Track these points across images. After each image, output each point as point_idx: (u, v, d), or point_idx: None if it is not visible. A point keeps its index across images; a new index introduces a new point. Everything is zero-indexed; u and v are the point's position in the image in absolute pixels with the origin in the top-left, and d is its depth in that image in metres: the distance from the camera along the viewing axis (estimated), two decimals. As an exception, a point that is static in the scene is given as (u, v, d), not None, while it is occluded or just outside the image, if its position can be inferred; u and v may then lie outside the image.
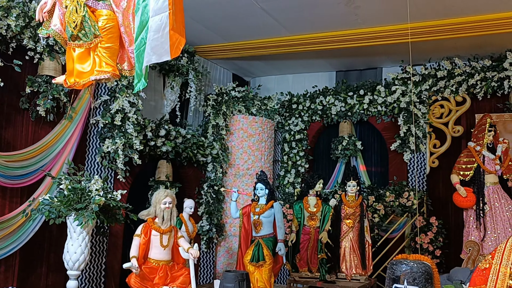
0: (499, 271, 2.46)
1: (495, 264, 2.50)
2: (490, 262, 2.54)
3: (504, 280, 2.43)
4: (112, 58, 3.11)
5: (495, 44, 7.04)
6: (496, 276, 2.46)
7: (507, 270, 2.46)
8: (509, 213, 6.49)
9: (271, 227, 5.87)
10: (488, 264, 2.55)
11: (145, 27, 2.65)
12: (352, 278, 6.29)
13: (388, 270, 4.05)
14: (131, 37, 3.01)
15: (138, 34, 2.71)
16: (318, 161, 8.80)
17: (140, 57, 2.67)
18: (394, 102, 7.83)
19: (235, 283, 4.36)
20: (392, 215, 7.37)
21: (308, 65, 8.66)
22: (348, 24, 6.74)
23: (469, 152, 6.73)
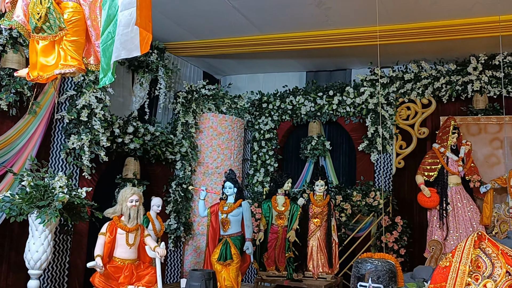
0: (458, 269, 2.53)
1: (455, 262, 2.57)
2: (451, 261, 2.61)
3: (463, 278, 2.50)
4: (78, 52, 3.03)
5: (460, 49, 7.25)
6: (456, 273, 2.53)
7: (466, 268, 2.54)
8: (471, 213, 6.69)
9: (239, 226, 5.86)
10: (449, 262, 2.62)
11: (112, 21, 2.60)
12: (318, 276, 6.35)
13: (353, 268, 4.11)
14: (98, 31, 2.94)
15: (104, 28, 2.65)
16: (287, 160, 8.85)
17: (107, 52, 2.61)
18: (362, 103, 7.96)
19: (202, 282, 4.33)
20: (359, 215, 7.49)
21: (279, 64, 8.69)
22: (318, 25, 6.80)
23: (433, 153, 6.90)
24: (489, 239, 2.63)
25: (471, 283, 2.54)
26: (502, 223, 6.64)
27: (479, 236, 2.65)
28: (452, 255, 2.64)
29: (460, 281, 2.50)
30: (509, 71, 7.20)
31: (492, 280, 2.53)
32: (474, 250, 2.59)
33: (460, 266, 2.54)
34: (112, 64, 2.63)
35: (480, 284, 2.52)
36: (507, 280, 2.53)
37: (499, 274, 2.53)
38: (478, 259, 2.58)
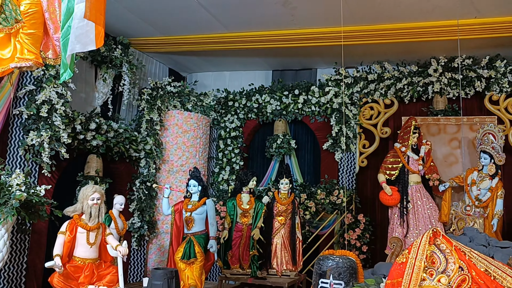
0: (414, 264, 2.61)
1: (411, 258, 2.65)
2: (407, 257, 2.69)
3: (418, 273, 2.58)
4: (35, 46, 2.93)
5: (421, 51, 7.44)
6: (412, 269, 2.60)
7: (421, 263, 2.61)
8: (430, 210, 6.89)
9: (203, 224, 5.84)
10: (405, 258, 2.70)
11: (72, 14, 2.53)
12: (282, 274, 6.40)
13: (316, 265, 4.18)
14: (56, 24, 2.86)
15: (64, 22, 2.58)
16: (253, 158, 8.88)
17: (66, 46, 2.54)
18: (327, 103, 8.06)
19: (164, 281, 4.29)
20: (323, 212, 7.59)
21: (245, 63, 8.70)
22: (284, 24, 6.84)
23: (395, 152, 7.07)
24: (443, 236, 2.73)
25: (426, 278, 2.62)
26: (459, 220, 6.85)
27: (434, 233, 2.73)
28: (409, 251, 2.72)
29: (416, 277, 2.57)
30: (467, 73, 7.44)
31: (446, 275, 2.61)
32: (429, 247, 2.67)
33: (416, 262, 2.61)
34: (69, 58, 2.56)
35: (435, 279, 2.60)
36: (459, 275, 2.62)
37: (453, 269, 2.62)
38: (433, 255, 2.67)
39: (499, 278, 2.54)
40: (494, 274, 2.54)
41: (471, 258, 2.62)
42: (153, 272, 4.58)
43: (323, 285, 4.02)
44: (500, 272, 2.55)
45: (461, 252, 2.65)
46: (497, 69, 7.36)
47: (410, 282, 2.57)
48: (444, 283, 2.59)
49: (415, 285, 2.56)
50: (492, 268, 2.57)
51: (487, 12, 6.26)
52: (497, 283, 2.53)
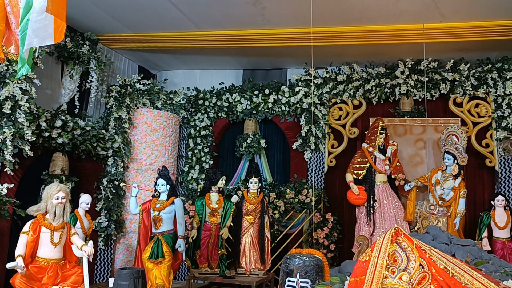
0: (377, 263, 2.67)
1: (374, 256, 2.70)
2: (370, 255, 2.74)
3: (381, 271, 2.64)
4: (-3, 40, 2.85)
5: (389, 53, 7.60)
6: (374, 267, 2.66)
7: (383, 261, 2.68)
8: (396, 210, 7.05)
9: (171, 223, 5.80)
10: (368, 256, 2.75)
11: (31, 8, 2.46)
12: (251, 273, 6.42)
13: (282, 264, 4.21)
14: (18, 18, 2.78)
15: (23, 15, 2.51)
16: (222, 157, 8.86)
17: (24, 40, 2.47)
18: (297, 103, 8.13)
19: (130, 281, 4.24)
20: (292, 211, 7.65)
21: (216, 61, 8.68)
22: (255, 24, 6.86)
23: (362, 152, 7.19)
24: (405, 234, 2.80)
25: (388, 276, 2.68)
26: (423, 219, 7.03)
27: (396, 232, 2.80)
28: (372, 249, 2.78)
29: (378, 274, 2.63)
30: (433, 76, 7.64)
31: (407, 272, 2.68)
32: (391, 245, 2.74)
33: (378, 260, 2.67)
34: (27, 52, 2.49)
35: (396, 276, 2.67)
36: (420, 273, 2.70)
37: (413, 267, 2.69)
38: (395, 253, 2.74)
39: (457, 275, 2.62)
40: (453, 271, 2.63)
41: (431, 256, 2.70)
42: (119, 272, 4.51)
43: (290, 283, 4.05)
44: (458, 269, 2.63)
45: (421, 250, 2.73)
46: (461, 73, 7.59)
47: (372, 280, 2.63)
48: (405, 281, 2.66)
49: (377, 283, 2.61)
50: (450, 266, 2.65)
51: (451, 17, 6.45)
52: (455, 280, 2.62)
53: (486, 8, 6.20)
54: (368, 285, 2.62)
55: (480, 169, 7.70)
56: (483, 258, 4.43)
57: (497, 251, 6.39)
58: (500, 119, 7.45)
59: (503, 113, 7.42)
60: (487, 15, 6.40)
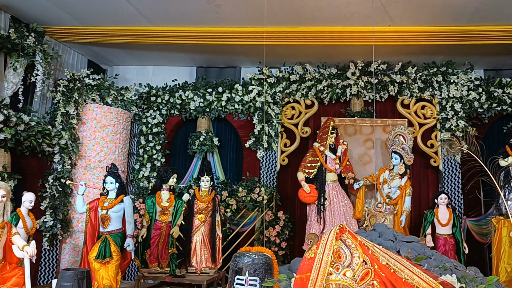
0: (322, 260, 2.71)
1: (319, 253, 2.75)
2: (315, 252, 2.79)
3: (325, 268, 2.69)
4: None
5: (340, 54, 7.76)
6: (319, 264, 2.71)
7: (328, 258, 2.73)
8: (345, 208, 7.20)
9: (120, 222, 5.67)
10: (314, 253, 2.80)
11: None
12: (202, 271, 6.38)
13: (232, 262, 4.21)
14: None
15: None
16: (175, 155, 8.75)
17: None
18: (250, 101, 8.15)
19: (74, 282, 4.10)
20: (244, 210, 7.67)
21: (169, 58, 8.55)
22: (209, 21, 6.82)
23: (314, 152, 7.30)
24: (349, 231, 2.86)
25: (332, 273, 2.73)
26: (371, 216, 7.22)
27: (341, 229, 2.86)
28: (317, 247, 2.82)
29: (323, 271, 2.68)
30: (382, 78, 7.87)
31: (351, 269, 2.75)
32: (336, 242, 2.79)
33: (323, 257, 2.72)
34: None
35: (340, 273, 2.73)
36: (363, 269, 2.77)
37: (357, 263, 2.76)
38: (339, 250, 2.80)
39: (398, 270, 2.71)
40: (394, 267, 2.71)
41: (374, 252, 2.77)
42: (63, 273, 4.36)
43: (239, 281, 4.06)
44: (399, 265, 2.73)
45: (365, 247, 2.80)
46: (409, 75, 7.87)
47: (317, 277, 2.67)
48: (349, 277, 2.72)
49: (322, 279, 2.66)
50: (392, 262, 2.74)
51: (400, 21, 6.67)
52: (396, 276, 2.70)
53: (432, 14, 6.45)
54: (313, 282, 2.66)
55: (425, 169, 8.01)
56: (425, 254, 4.60)
57: (440, 247, 6.66)
58: (444, 120, 7.78)
59: (447, 115, 7.75)
60: (433, 21, 6.66)
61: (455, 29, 6.79)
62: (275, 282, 3.49)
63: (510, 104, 7.82)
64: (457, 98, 7.75)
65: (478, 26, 6.69)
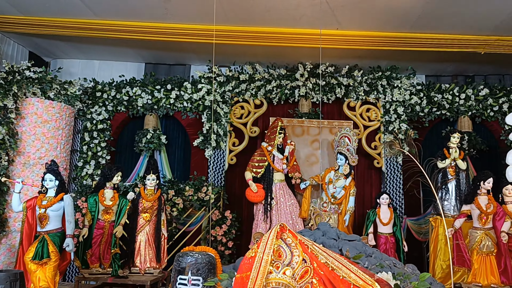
0: (262, 259, 2.73)
1: (259, 253, 2.76)
2: (256, 251, 2.80)
3: (265, 267, 2.71)
4: None
5: (290, 56, 7.85)
6: (259, 263, 2.72)
7: (269, 257, 2.75)
8: (291, 207, 7.29)
9: (60, 221, 5.44)
10: (254, 253, 2.81)
11: None
12: (146, 271, 6.25)
13: (175, 262, 4.15)
14: None
15: None
16: (121, 153, 8.52)
17: None
18: (199, 100, 8.09)
19: (6, 284, 3.90)
20: (191, 209, 7.59)
21: (116, 53, 8.33)
22: (158, 17, 6.70)
23: (261, 151, 7.35)
24: (289, 230, 2.90)
25: (272, 271, 2.75)
26: (317, 216, 7.35)
27: (281, 228, 2.89)
28: (258, 246, 2.84)
29: (263, 270, 2.69)
30: (329, 80, 8.04)
31: (291, 267, 2.78)
32: (277, 241, 2.82)
33: (264, 256, 2.74)
34: None
35: (280, 271, 2.75)
36: (303, 267, 2.81)
37: (297, 262, 2.80)
38: (280, 248, 2.82)
39: (336, 269, 2.77)
40: (332, 265, 2.77)
41: (313, 251, 2.82)
42: (-6, 274, 4.14)
43: (182, 281, 4.01)
44: (337, 263, 2.79)
45: (304, 246, 2.84)
46: (355, 78, 8.08)
47: (257, 276, 2.68)
48: (289, 275, 2.75)
49: (262, 278, 2.67)
50: (330, 260, 2.80)
51: (347, 25, 6.84)
52: (334, 273, 2.76)
53: (377, 20, 6.66)
54: (253, 280, 2.67)
55: (369, 170, 8.26)
56: (366, 252, 4.74)
57: (381, 246, 6.87)
58: (387, 123, 8.05)
59: (390, 118, 8.02)
60: (378, 27, 6.88)
61: (398, 36, 7.04)
62: (216, 281, 3.47)
63: (449, 109, 8.22)
64: (400, 102, 8.04)
65: (420, 33, 6.98)
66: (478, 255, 5.67)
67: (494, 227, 5.70)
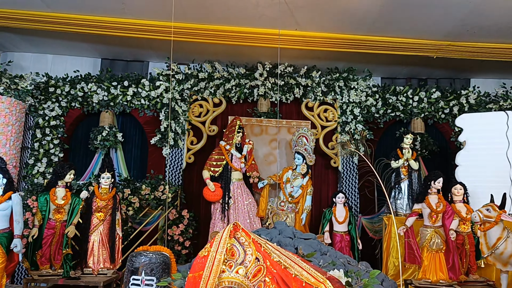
0: (215, 258, 2.72)
1: (212, 251, 2.75)
2: (209, 250, 2.78)
3: (218, 266, 2.69)
4: None
5: (249, 55, 7.86)
6: (212, 262, 2.71)
7: (221, 256, 2.74)
8: (249, 206, 7.31)
9: (7, 221, 5.22)
10: (207, 252, 2.79)
11: None
12: (99, 272, 6.09)
13: (128, 262, 4.07)
14: None
15: None
16: (75, 150, 8.26)
17: None
18: (157, 97, 7.96)
19: None
20: (147, 208, 7.47)
21: (71, 47, 8.08)
22: (114, 11, 6.55)
23: (220, 150, 7.33)
24: (243, 229, 2.90)
25: (225, 270, 2.74)
26: (274, 215, 7.41)
27: (235, 227, 2.89)
28: (210, 245, 2.82)
29: (216, 269, 2.68)
30: (288, 80, 8.11)
31: (244, 266, 2.78)
32: (230, 240, 2.81)
33: (217, 255, 2.72)
34: None
35: (233, 270, 2.75)
36: (256, 266, 2.82)
37: (250, 261, 2.80)
38: (233, 247, 2.82)
39: (289, 267, 2.79)
40: (285, 263, 2.79)
41: (266, 249, 2.83)
42: None
43: (135, 282, 3.94)
44: (290, 261, 2.81)
45: (258, 244, 2.85)
46: (313, 79, 8.19)
47: (210, 275, 2.67)
48: (242, 274, 2.75)
49: (215, 277, 2.66)
50: (283, 258, 2.82)
51: (306, 27, 6.91)
52: (287, 272, 2.78)
53: (335, 22, 6.77)
54: (205, 280, 2.65)
55: (326, 169, 8.39)
56: (321, 250, 4.81)
57: (336, 244, 6.99)
58: (344, 124, 8.20)
59: (347, 118, 8.18)
60: (336, 29, 6.99)
61: (356, 38, 7.19)
62: (170, 281, 3.43)
63: (403, 111, 8.47)
64: (356, 103, 8.21)
65: (376, 36, 7.14)
66: (428, 252, 5.84)
67: (443, 225, 5.90)
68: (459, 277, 5.77)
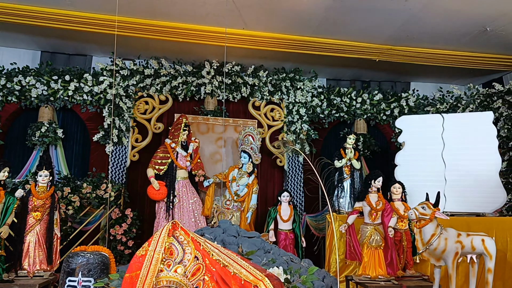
0: (152, 257, 2.67)
1: (150, 251, 2.70)
2: (146, 249, 2.74)
3: (156, 265, 2.65)
4: None
5: (196, 53, 7.80)
6: (150, 261, 2.66)
7: (159, 255, 2.70)
8: (194, 205, 7.24)
9: None
10: (145, 251, 2.74)
11: None
12: (35, 274, 5.83)
13: (64, 263, 3.95)
14: None
15: None
16: (10, 147, 7.86)
17: None
18: (100, 93, 7.73)
19: None
20: (88, 207, 7.24)
21: (8, 38, 7.67)
22: (55, 2, 6.29)
23: (165, 148, 7.22)
24: (182, 228, 2.87)
25: (163, 269, 2.71)
26: (220, 213, 7.39)
27: (173, 225, 2.86)
28: (148, 244, 2.77)
29: (154, 268, 2.64)
30: (235, 79, 8.12)
31: (183, 265, 2.75)
32: (168, 238, 2.78)
33: (154, 254, 2.68)
34: None
35: (172, 269, 2.71)
36: (195, 264, 2.80)
37: (189, 259, 2.78)
38: (171, 246, 2.78)
39: (228, 265, 2.80)
40: (224, 262, 2.79)
41: (206, 248, 2.82)
42: None
43: (71, 283, 3.81)
44: (229, 259, 2.81)
45: (197, 243, 2.83)
46: (260, 78, 8.25)
47: (147, 274, 2.62)
48: (180, 273, 2.72)
49: (152, 277, 2.62)
50: (222, 257, 2.82)
51: (253, 26, 6.95)
52: (226, 270, 2.79)
53: (282, 23, 6.85)
54: (142, 279, 2.60)
55: (272, 168, 8.48)
56: (265, 248, 4.86)
57: (281, 242, 7.08)
58: (290, 123, 8.31)
59: (293, 118, 8.30)
60: (283, 29, 7.08)
61: (302, 39, 7.31)
62: (106, 282, 3.34)
63: (347, 112, 8.70)
64: (302, 103, 8.35)
65: (322, 38, 7.30)
66: (368, 249, 6.03)
67: (383, 222, 6.11)
68: (397, 273, 5.99)
